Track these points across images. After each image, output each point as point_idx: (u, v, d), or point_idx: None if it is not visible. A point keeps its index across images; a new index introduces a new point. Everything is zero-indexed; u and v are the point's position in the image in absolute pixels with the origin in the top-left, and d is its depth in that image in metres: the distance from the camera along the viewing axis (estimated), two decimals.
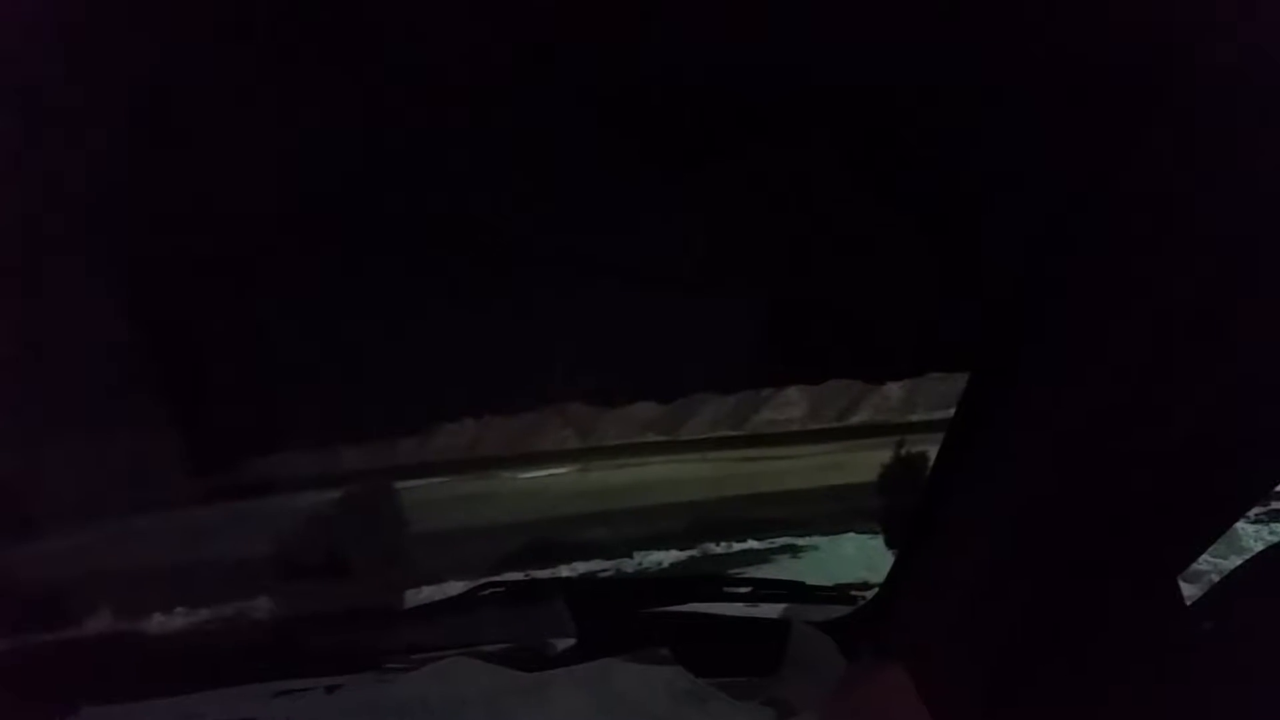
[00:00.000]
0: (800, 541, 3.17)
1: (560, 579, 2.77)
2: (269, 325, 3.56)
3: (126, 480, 3.63)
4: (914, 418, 3.30)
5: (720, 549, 3.21)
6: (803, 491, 3.42)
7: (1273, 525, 3.80)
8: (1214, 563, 2.13)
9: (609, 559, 3.18)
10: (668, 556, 3.19)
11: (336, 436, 3.85)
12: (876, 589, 2.35)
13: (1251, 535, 3.55)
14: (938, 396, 3.03)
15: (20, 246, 3.12)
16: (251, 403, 3.72)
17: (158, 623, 3.25)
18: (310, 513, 3.33)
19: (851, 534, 3.10)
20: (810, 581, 2.60)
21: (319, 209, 3.21)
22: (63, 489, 3.46)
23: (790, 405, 3.78)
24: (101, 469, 3.54)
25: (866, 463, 2.93)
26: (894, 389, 3.55)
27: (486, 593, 2.59)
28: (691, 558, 3.19)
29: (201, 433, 3.74)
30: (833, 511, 3.24)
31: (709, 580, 2.82)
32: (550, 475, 3.77)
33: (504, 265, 3.35)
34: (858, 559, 2.78)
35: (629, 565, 3.18)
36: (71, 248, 3.18)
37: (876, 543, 2.60)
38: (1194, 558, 2.02)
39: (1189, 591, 2.01)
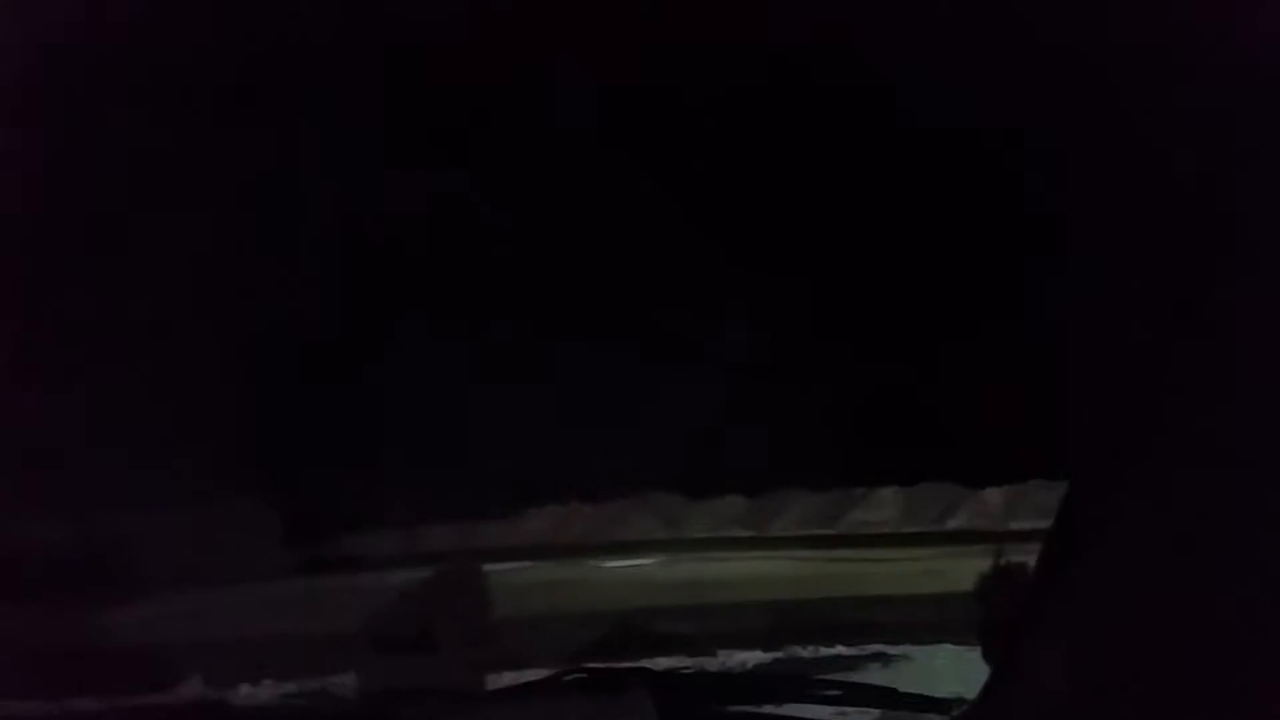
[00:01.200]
0: (892, 650, 3.07)
1: (643, 670, 2.73)
2: (368, 402, 3.66)
3: (221, 550, 3.72)
4: (1014, 526, 3.21)
5: (807, 653, 3.12)
6: (896, 597, 3.33)
7: None
8: None
9: (692, 655, 3.12)
10: (752, 657, 3.11)
11: (427, 516, 3.91)
12: (971, 704, 2.27)
13: None
14: (1039, 505, 2.94)
15: (135, 318, 3.29)
16: (345, 479, 3.81)
17: (245, 694, 3.28)
18: (398, 590, 3.36)
19: (946, 645, 3.00)
20: (902, 689, 2.52)
21: (425, 289, 3.32)
22: (160, 555, 3.56)
23: (884, 506, 3.71)
24: (198, 538, 3.64)
25: (963, 571, 2.84)
26: (993, 494, 3.46)
27: (569, 679, 2.58)
28: (776, 659, 3.10)
29: (295, 506, 3.83)
30: (927, 620, 3.14)
31: (797, 682, 2.75)
32: (635, 565, 3.74)
33: (595, 350, 3.40)
34: (952, 671, 2.69)
35: (712, 663, 3.12)
36: (182, 316, 3.33)
37: (973, 655, 2.51)
38: None
39: None
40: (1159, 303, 2.06)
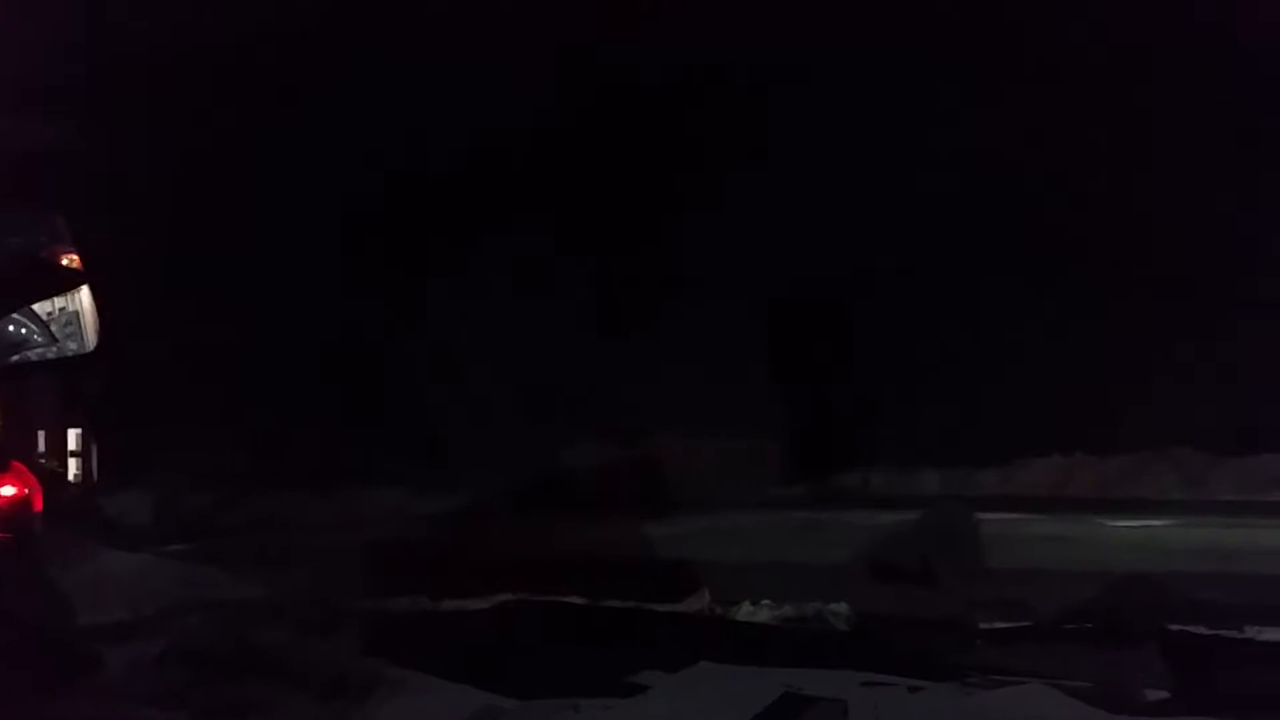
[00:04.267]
0: None
1: (1158, 628, 2.57)
2: (872, 348, 3.79)
3: (736, 479, 4.06)
4: None
5: None
6: None
7: None
8: None
9: (1213, 625, 2.86)
10: None
11: (923, 460, 3.96)
12: None
13: None
14: None
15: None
16: (847, 419, 3.98)
17: (745, 611, 3.54)
18: (893, 528, 3.45)
19: None
20: None
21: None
22: (687, 479, 3.96)
23: None
24: (720, 467, 4.00)
25: None
26: None
27: (1072, 627, 2.50)
28: None
29: (800, 444, 4.08)
30: None
31: None
32: (1147, 526, 3.50)
33: (1115, 295, 3.22)
34: None
35: (1238, 636, 2.84)
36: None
37: None
38: None
39: None
40: None
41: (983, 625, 2.83)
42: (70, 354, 2.83)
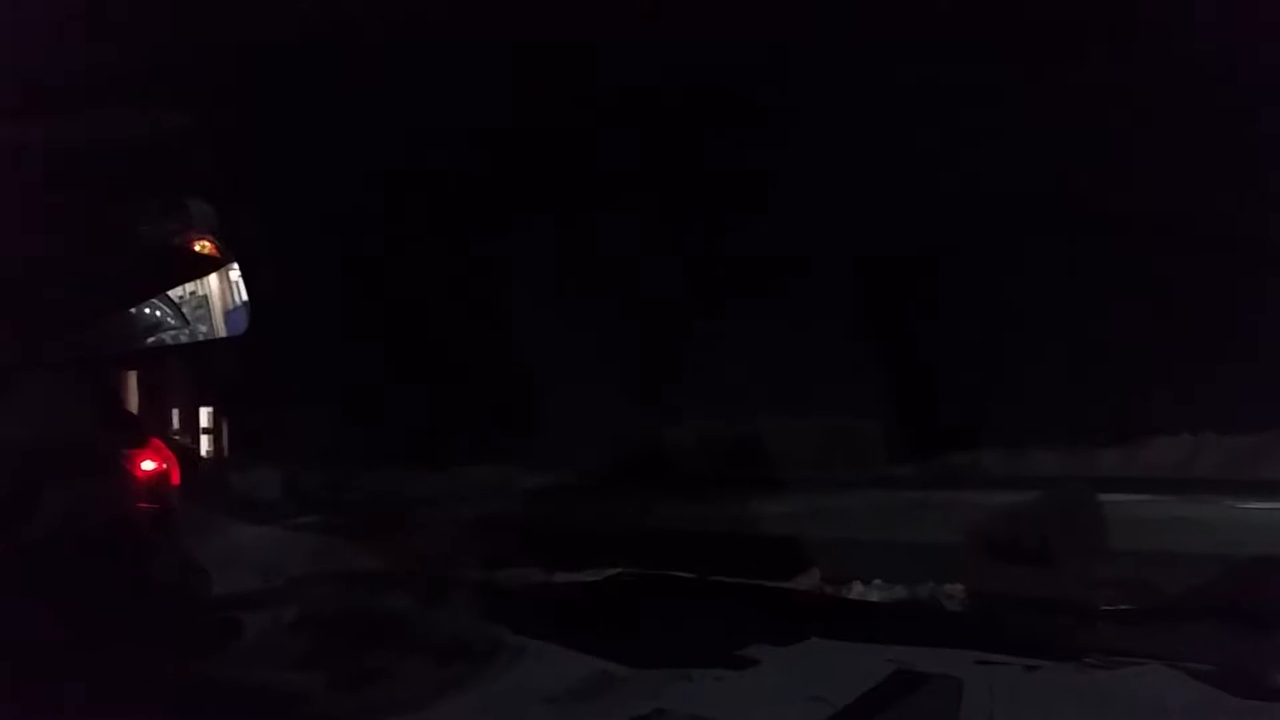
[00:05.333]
0: None
1: None
2: (976, 328, 3.72)
3: (853, 458, 4.05)
4: None
5: None
6: None
7: None
8: None
9: None
10: None
11: (1039, 439, 3.87)
12: None
13: None
14: None
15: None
16: (952, 400, 3.92)
17: (858, 591, 3.52)
18: (1008, 507, 3.39)
19: None
20: None
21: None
22: (804, 456, 3.97)
23: None
24: (838, 445, 4.00)
25: None
26: None
27: (1195, 609, 2.43)
28: None
29: (912, 423, 4.03)
30: None
31: None
32: (1273, 508, 3.37)
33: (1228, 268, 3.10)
34: None
35: None
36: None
37: None
38: None
39: None
40: None
41: (1103, 606, 2.77)
42: (202, 337, 2.96)
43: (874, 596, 3.44)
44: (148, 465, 3.18)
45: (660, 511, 3.86)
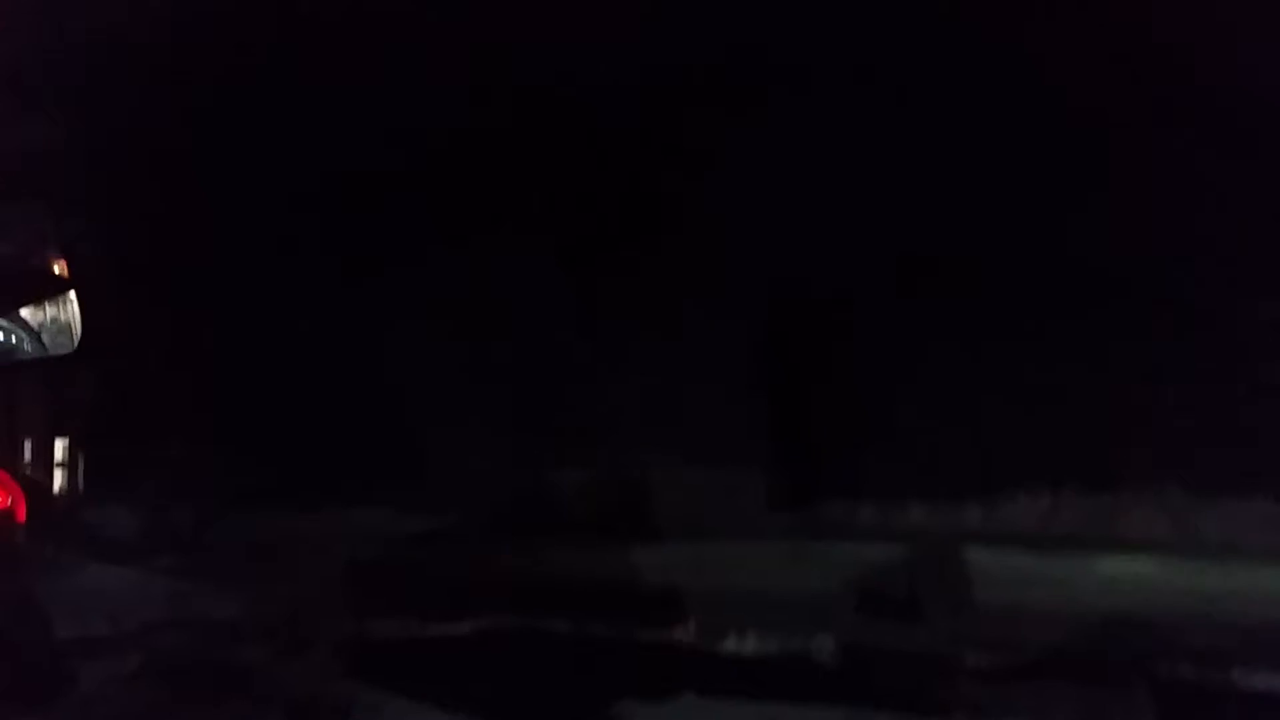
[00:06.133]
0: None
1: (1144, 669, 2.56)
2: (838, 382, 3.79)
3: (727, 508, 4.04)
4: None
5: None
6: None
7: None
8: None
9: (1201, 667, 2.85)
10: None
11: (908, 494, 3.93)
12: None
13: None
14: None
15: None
16: (835, 453, 3.96)
17: (731, 644, 3.51)
18: (878, 561, 3.43)
19: None
20: None
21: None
22: (676, 506, 3.94)
23: None
24: (711, 495, 3.98)
25: None
26: None
27: (1057, 667, 2.48)
28: None
29: (787, 476, 4.05)
30: None
31: None
32: (1134, 565, 3.47)
33: (1105, 336, 3.22)
34: None
35: (1226, 680, 2.83)
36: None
37: None
38: None
39: None
40: None
41: (969, 663, 2.82)
42: (57, 361, 2.80)
43: (749, 649, 3.43)
44: None
45: (538, 560, 3.80)
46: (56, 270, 2.74)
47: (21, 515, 3.13)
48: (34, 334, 2.76)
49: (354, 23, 3.51)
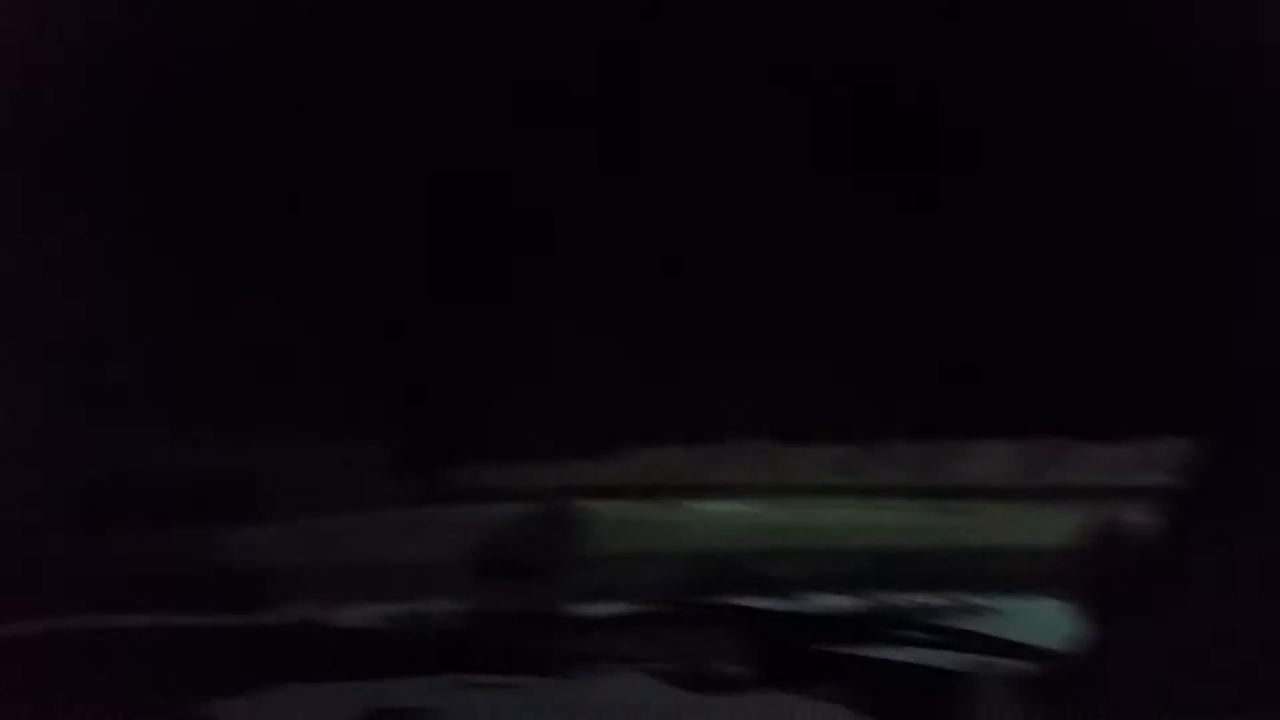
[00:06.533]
0: (985, 602, 3.04)
1: (734, 607, 2.76)
2: (474, 342, 3.74)
3: (337, 480, 3.87)
4: (1125, 482, 3.12)
5: (899, 602, 3.11)
6: (993, 549, 3.28)
7: None
8: None
9: (781, 598, 3.14)
10: (843, 603, 3.11)
11: (526, 453, 3.99)
12: (1058, 658, 2.23)
13: None
14: (1154, 462, 2.85)
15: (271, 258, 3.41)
16: (451, 416, 3.92)
17: (348, 615, 3.40)
18: (498, 521, 3.45)
19: (1040, 599, 2.95)
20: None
21: (537, 236, 3.37)
22: (282, 482, 3.71)
23: (989, 458, 3.65)
24: (318, 467, 3.78)
25: (1066, 526, 2.78)
26: (1106, 449, 3.37)
27: (657, 613, 2.63)
28: (866, 606, 3.10)
29: (404, 440, 3.95)
30: (1023, 574, 3.09)
31: (884, 625, 2.75)
32: (731, 509, 3.76)
33: (696, 293, 3.41)
34: (1046, 626, 2.64)
35: (801, 606, 3.14)
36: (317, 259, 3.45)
37: (1066, 610, 2.45)
38: None
39: None
40: None
41: (581, 614, 2.91)
42: None
43: (361, 622, 3.33)
44: None
45: (122, 550, 3.43)
46: None
47: None
48: None
49: None
